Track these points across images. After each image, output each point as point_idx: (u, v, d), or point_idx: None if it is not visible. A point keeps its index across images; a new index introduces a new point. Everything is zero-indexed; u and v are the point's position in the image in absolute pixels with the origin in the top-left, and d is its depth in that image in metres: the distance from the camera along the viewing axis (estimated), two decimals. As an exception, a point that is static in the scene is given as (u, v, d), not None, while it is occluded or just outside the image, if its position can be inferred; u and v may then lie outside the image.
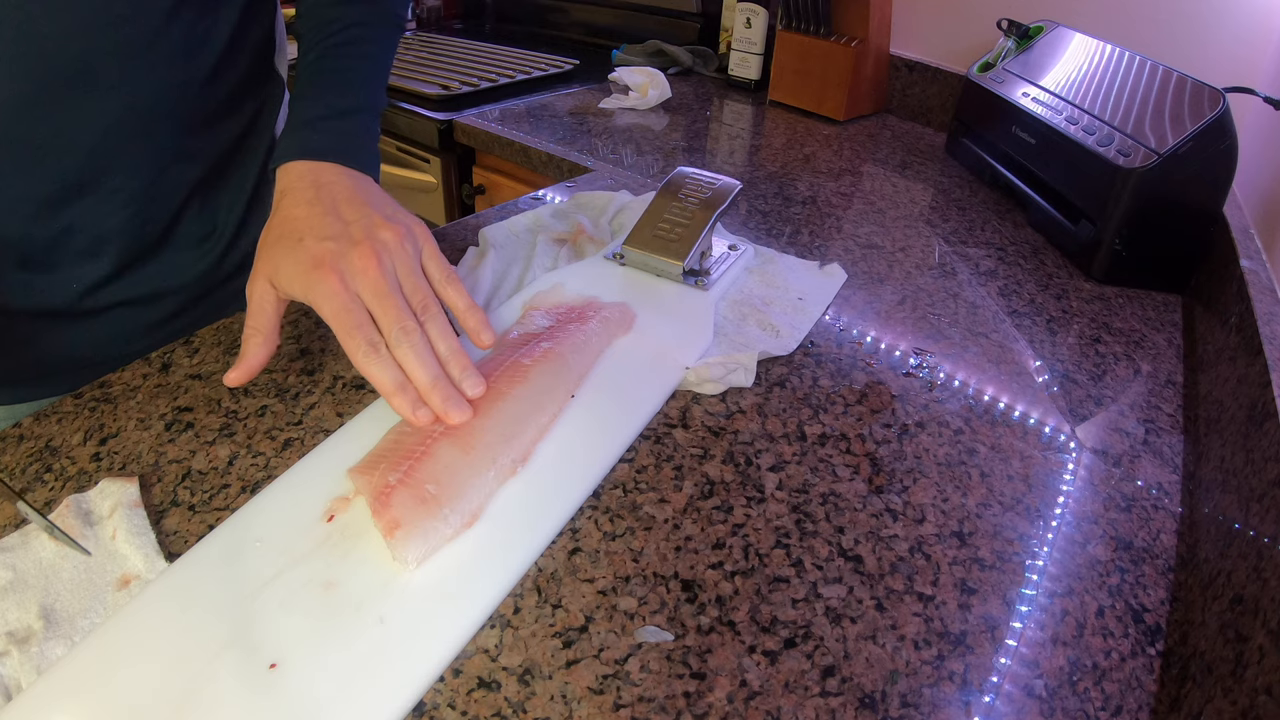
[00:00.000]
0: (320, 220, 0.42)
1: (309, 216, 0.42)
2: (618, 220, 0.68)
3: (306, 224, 0.42)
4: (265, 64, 0.58)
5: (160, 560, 0.34)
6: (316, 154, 0.46)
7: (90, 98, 0.45)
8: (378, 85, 0.53)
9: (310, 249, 0.40)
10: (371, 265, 0.40)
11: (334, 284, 0.39)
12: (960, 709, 0.31)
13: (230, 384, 0.40)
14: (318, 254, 0.40)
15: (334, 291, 0.39)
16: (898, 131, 1.09)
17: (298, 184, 0.45)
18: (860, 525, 0.40)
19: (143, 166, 0.50)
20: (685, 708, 0.31)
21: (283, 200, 0.45)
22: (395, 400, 0.39)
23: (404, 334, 0.39)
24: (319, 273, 0.39)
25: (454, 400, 0.39)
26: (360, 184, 0.46)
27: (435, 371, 0.39)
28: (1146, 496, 0.44)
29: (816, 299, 0.60)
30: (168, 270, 0.54)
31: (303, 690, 0.29)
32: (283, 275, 0.41)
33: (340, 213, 0.43)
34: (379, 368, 0.38)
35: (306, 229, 0.42)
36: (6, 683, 0.29)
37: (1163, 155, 0.64)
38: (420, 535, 0.34)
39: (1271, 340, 0.46)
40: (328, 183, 0.45)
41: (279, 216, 0.44)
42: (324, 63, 0.50)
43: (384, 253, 0.41)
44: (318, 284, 0.39)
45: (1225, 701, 0.30)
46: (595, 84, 1.23)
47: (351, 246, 0.40)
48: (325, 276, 0.39)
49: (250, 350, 0.40)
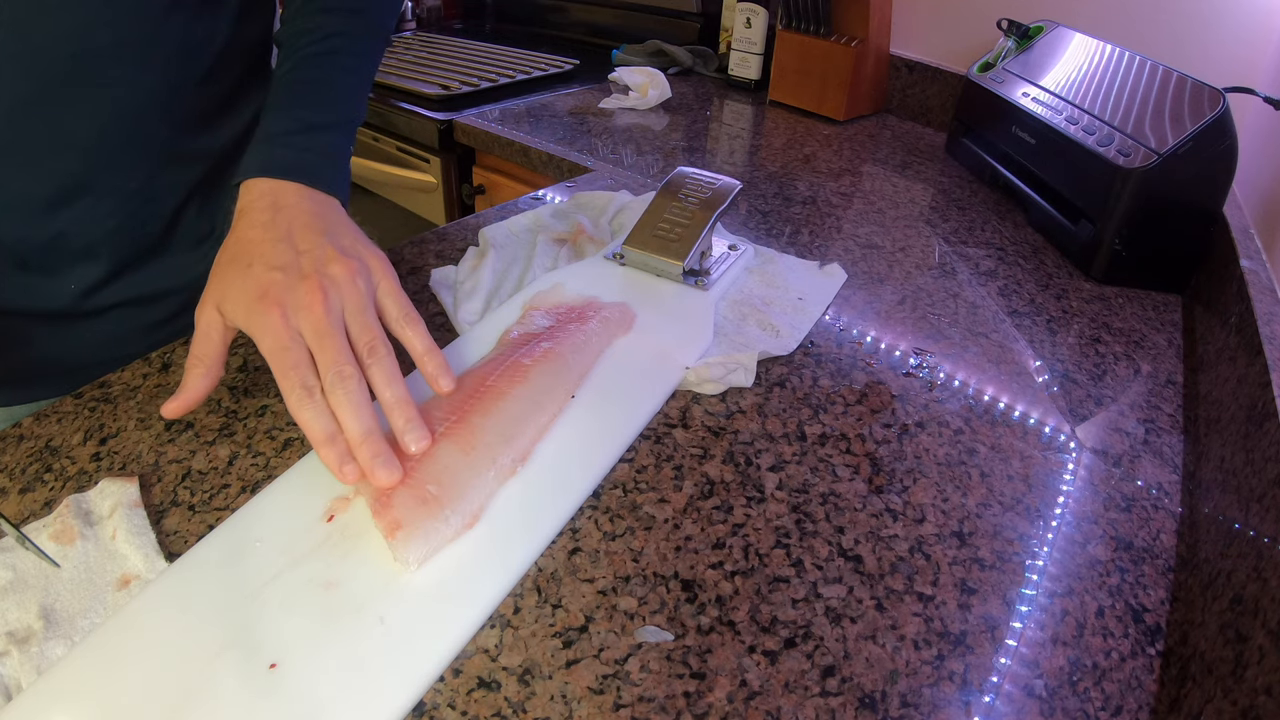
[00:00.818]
0: (272, 247, 0.40)
1: (261, 241, 0.40)
2: (618, 220, 0.68)
3: (258, 249, 0.40)
4: (263, 65, 0.57)
5: (160, 560, 0.34)
6: (280, 172, 0.44)
7: (86, 98, 0.45)
8: (355, 99, 0.50)
9: (257, 277, 0.38)
10: (317, 302, 0.37)
11: (275, 319, 0.37)
12: (960, 709, 0.31)
13: (168, 415, 0.38)
14: (264, 284, 0.38)
15: (274, 327, 0.37)
16: (898, 131, 1.09)
17: (256, 204, 0.42)
18: (860, 525, 0.40)
19: (140, 167, 0.50)
20: (685, 708, 0.31)
21: (240, 220, 0.42)
22: (322, 452, 0.36)
23: (339, 379, 0.36)
24: (262, 304, 0.37)
25: (382, 459, 0.36)
26: (322, 209, 0.43)
27: (368, 425, 0.36)
28: (1146, 496, 0.44)
29: (816, 299, 0.60)
30: (167, 271, 0.54)
31: (303, 690, 0.29)
32: (228, 302, 0.39)
33: (294, 240, 0.40)
34: (311, 415, 0.35)
35: (257, 255, 0.40)
36: (6, 683, 0.29)
37: (1163, 155, 0.64)
38: (421, 536, 0.34)
39: (1271, 340, 0.46)
40: (287, 205, 0.42)
41: (233, 237, 0.42)
42: (298, 73, 0.48)
43: (332, 289, 0.38)
44: (259, 316, 0.37)
45: (1225, 701, 0.30)
46: (595, 84, 1.23)
47: (300, 280, 0.38)
48: (268, 309, 0.37)
49: (191, 381, 0.38)
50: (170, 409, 0.38)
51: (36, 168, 0.46)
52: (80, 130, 0.46)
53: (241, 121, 0.56)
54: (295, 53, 0.49)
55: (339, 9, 0.50)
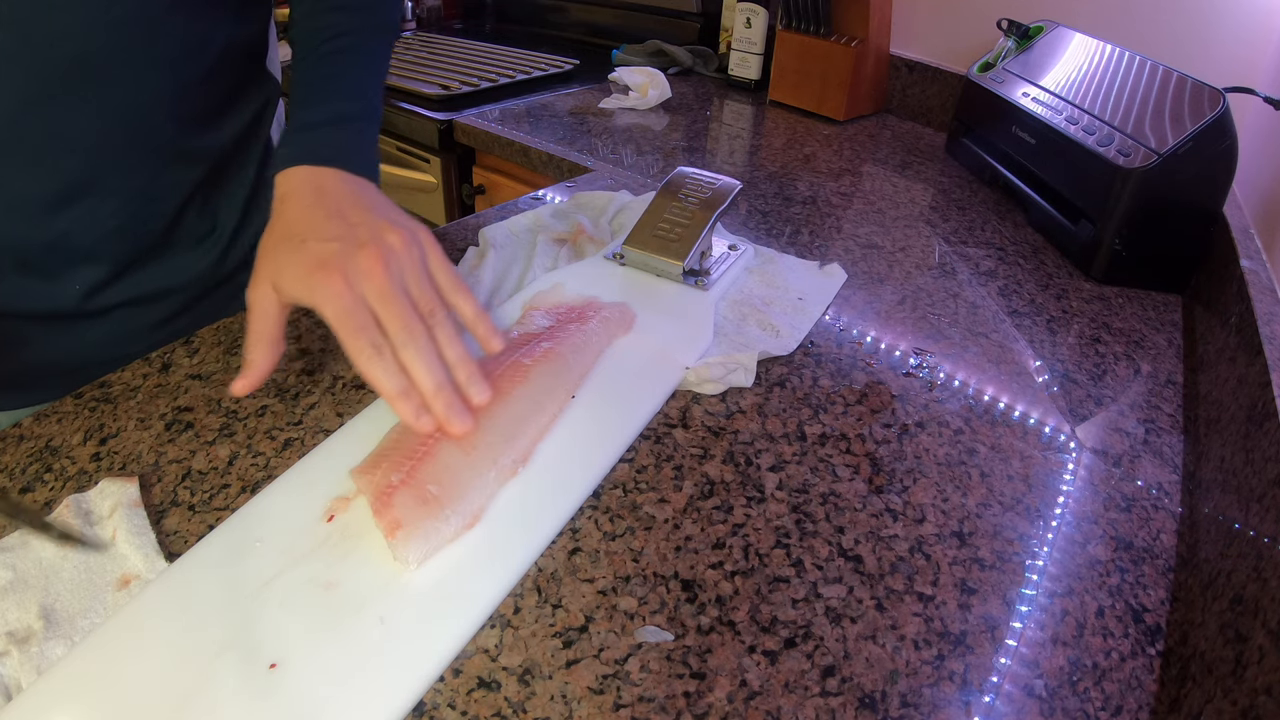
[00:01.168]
0: (324, 223, 0.41)
1: (312, 219, 0.42)
2: (618, 220, 0.68)
3: (309, 226, 0.41)
4: (259, 65, 0.58)
5: (160, 560, 0.34)
6: (317, 160, 0.45)
7: (90, 98, 0.45)
8: (375, 92, 0.52)
9: (314, 251, 0.40)
10: (378, 267, 0.39)
11: (339, 285, 0.38)
12: (960, 709, 0.31)
13: (236, 393, 0.39)
14: (322, 255, 0.39)
15: (338, 293, 0.38)
16: (898, 131, 1.09)
17: (299, 188, 0.44)
18: (860, 525, 0.40)
19: (143, 166, 0.50)
20: (685, 708, 0.31)
21: (283, 204, 0.44)
22: (398, 406, 0.38)
23: (410, 337, 0.38)
24: (323, 274, 0.38)
25: (457, 408, 0.39)
26: (362, 189, 0.45)
27: (440, 378, 0.39)
28: (1146, 496, 0.44)
29: (816, 299, 0.60)
30: (168, 270, 0.54)
31: (303, 690, 0.29)
32: (285, 277, 0.40)
33: (345, 216, 0.42)
34: (383, 372, 0.37)
35: (309, 231, 0.41)
36: (6, 683, 0.29)
37: (1163, 155, 0.64)
38: (421, 536, 0.34)
39: (1271, 340, 0.46)
40: (330, 187, 0.44)
41: (280, 220, 0.43)
42: (321, 69, 0.50)
43: (390, 256, 0.40)
44: (321, 286, 0.38)
45: (1225, 701, 0.30)
46: (595, 84, 1.23)
47: (357, 249, 0.40)
48: (330, 278, 0.38)
49: (255, 358, 0.39)
50: (239, 386, 0.39)
51: (39, 168, 0.46)
52: (83, 130, 0.46)
53: (241, 120, 0.56)
54: (315, 49, 0.50)
55: (352, 6, 0.52)
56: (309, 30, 0.51)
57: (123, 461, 0.40)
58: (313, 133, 0.47)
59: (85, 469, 0.40)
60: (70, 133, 0.46)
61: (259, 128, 0.59)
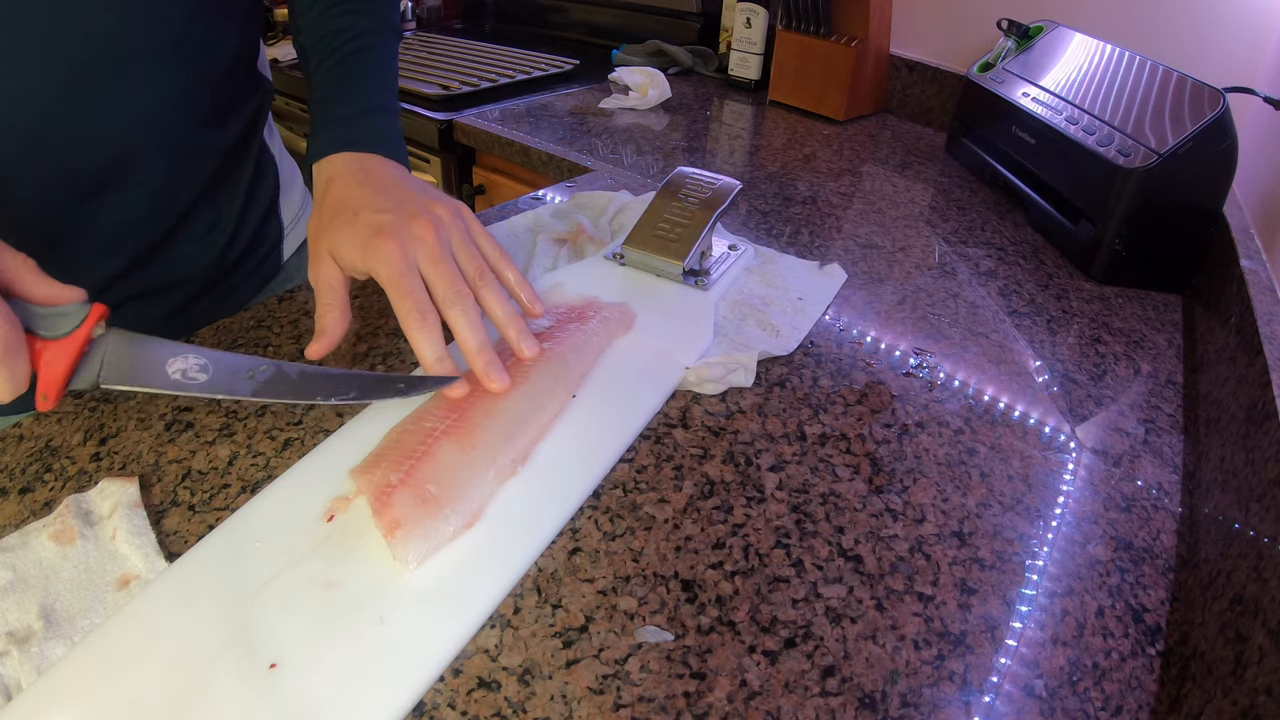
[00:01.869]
0: (374, 197, 0.44)
1: (362, 195, 0.44)
2: (618, 220, 0.68)
3: (361, 200, 0.44)
4: (254, 69, 0.60)
5: (160, 560, 0.34)
6: (356, 146, 0.48)
7: (119, 93, 0.47)
8: (394, 88, 0.55)
9: (368, 220, 0.42)
10: (430, 234, 0.42)
11: (393, 249, 0.40)
12: (960, 709, 0.31)
13: (313, 356, 0.41)
14: (377, 224, 0.42)
15: (392, 256, 0.40)
16: (898, 131, 1.09)
17: (344, 170, 0.47)
18: (860, 525, 0.40)
19: (165, 161, 0.51)
20: (685, 708, 0.31)
21: (330, 186, 0.46)
22: (432, 370, 0.40)
23: (457, 297, 0.41)
24: (378, 239, 0.41)
25: (496, 366, 0.41)
26: (402, 172, 0.48)
27: (483, 338, 0.41)
28: (1146, 496, 0.44)
29: (816, 299, 0.60)
30: (177, 262, 0.56)
31: (303, 690, 0.29)
32: (341, 246, 0.42)
33: (393, 192, 0.45)
34: (425, 338, 0.40)
35: (362, 204, 0.43)
36: (6, 683, 0.29)
37: (1163, 155, 0.64)
38: (421, 535, 0.34)
39: (1271, 340, 0.46)
40: (373, 169, 0.47)
41: (330, 200, 0.45)
42: (346, 67, 0.52)
43: (440, 226, 0.43)
44: (377, 250, 0.41)
45: (1225, 701, 0.30)
46: (595, 84, 1.23)
47: (410, 218, 0.42)
48: (384, 243, 0.41)
49: (329, 323, 0.42)
50: (315, 349, 0.42)
51: (66, 163, 0.47)
52: (108, 127, 0.47)
53: (243, 120, 0.58)
54: (335, 50, 0.53)
55: (362, 11, 0.55)
56: (327, 32, 0.54)
57: (123, 461, 0.40)
58: (347, 123, 0.50)
59: (85, 469, 0.40)
60: (96, 130, 0.47)
61: (256, 126, 0.61)
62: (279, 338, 0.51)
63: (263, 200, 0.62)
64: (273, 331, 0.52)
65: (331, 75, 0.52)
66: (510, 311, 0.43)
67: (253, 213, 0.61)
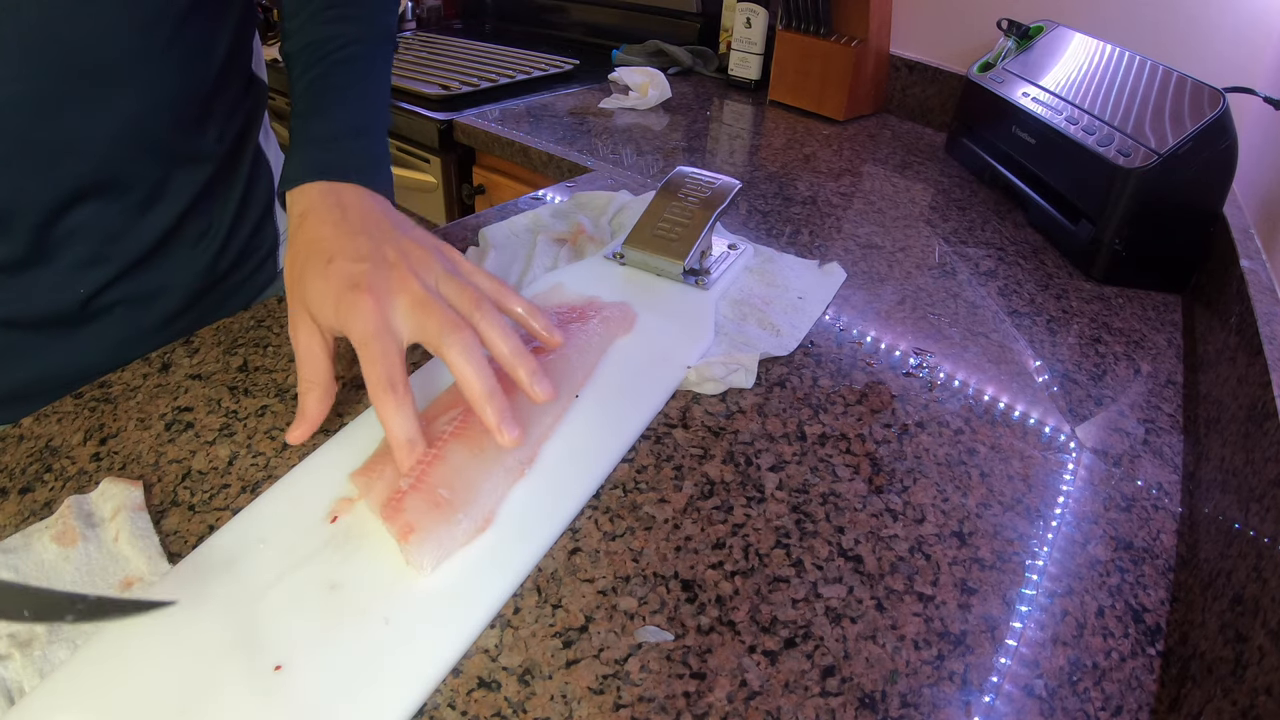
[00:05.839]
0: (350, 241, 0.40)
1: (336, 237, 0.41)
2: (618, 220, 0.68)
3: (336, 244, 0.40)
4: (246, 74, 0.59)
5: (163, 563, 0.34)
6: (336, 174, 0.45)
7: (108, 99, 0.46)
8: (384, 103, 0.52)
9: (342, 270, 0.39)
10: (411, 282, 0.38)
11: (368, 305, 0.37)
12: (960, 709, 0.32)
13: (293, 442, 0.39)
14: (352, 275, 0.38)
15: (366, 312, 0.37)
16: (898, 131, 1.09)
17: (320, 204, 0.43)
18: (860, 525, 0.40)
19: (153, 168, 0.51)
20: (685, 708, 0.31)
21: (304, 222, 0.43)
22: (399, 454, 0.36)
23: (453, 329, 0.36)
24: (353, 294, 0.37)
25: (508, 418, 0.37)
26: (383, 207, 0.45)
27: (490, 384, 0.37)
28: (1146, 496, 0.44)
29: (816, 298, 0.60)
30: (167, 270, 0.54)
31: (308, 692, 0.29)
32: (314, 302, 0.39)
33: (370, 233, 0.41)
34: (393, 411, 0.36)
35: (336, 249, 0.40)
36: (9, 686, 0.29)
37: (1163, 155, 0.64)
38: (435, 540, 0.34)
39: (1271, 340, 0.46)
40: (351, 204, 0.43)
41: (303, 239, 0.42)
42: (330, 79, 0.49)
43: (422, 269, 0.39)
44: (349, 305, 0.37)
45: (1225, 701, 0.30)
46: (595, 84, 1.23)
47: (389, 268, 0.39)
48: (359, 297, 0.37)
49: (309, 405, 0.39)
50: (295, 436, 0.40)
51: (58, 166, 0.46)
52: (101, 129, 0.46)
53: (236, 125, 0.57)
54: (321, 60, 0.50)
55: (352, 17, 0.52)
56: (313, 40, 0.51)
57: (123, 461, 0.40)
58: (326, 146, 0.46)
59: (85, 469, 0.40)
60: (86, 134, 0.46)
61: (250, 130, 0.60)
62: (279, 338, 0.51)
63: (257, 207, 0.61)
64: (272, 331, 0.52)
65: (312, 89, 0.49)
66: (516, 347, 0.39)
67: (246, 220, 0.60)
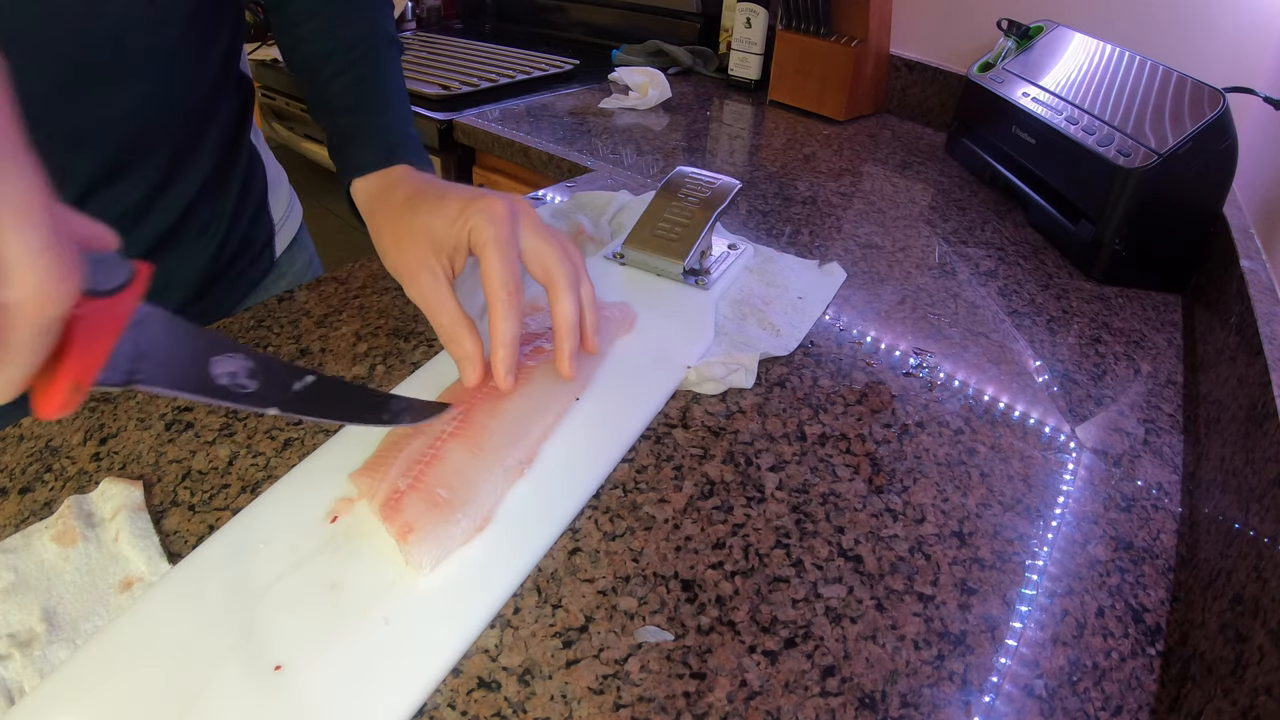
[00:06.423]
0: (448, 187, 0.43)
1: (439, 184, 0.44)
2: (618, 220, 0.68)
3: (443, 187, 0.43)
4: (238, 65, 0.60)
5: (163, 563, 0.34)
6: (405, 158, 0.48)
7: (119, 92, 0.47)
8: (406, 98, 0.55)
9: (463, 192, 0.42)
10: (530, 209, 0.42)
11: (500, 207, 0.39)
12: (960, 709, 0.31)
13: (471, 384, 0.41)
14: (475, 193, 0.41)
15: (500, 215, 0.39)
16: (898, 131, 1.09)
17: (404, 177, 0.46)
18: (860, 525, 0.40)
19: (164, 160, 0.52)
20: (685, 708, 0.31)
21: (391, 193, 0.45)
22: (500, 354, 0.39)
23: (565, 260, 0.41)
24: (484, 199, 0.40)
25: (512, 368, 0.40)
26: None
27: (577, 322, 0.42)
28: (1146, 496, 0.44)
29: (816, 297, 0.60)
30: (176, 259, 0.56)
31: (308, 692, 0.29)
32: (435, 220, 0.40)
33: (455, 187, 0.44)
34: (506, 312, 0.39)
35: (445, 189, 0.43)
36: (9, 686, 0.29)
37: (1163, 155, 0.64)
38: (434, 540, 0.34)
39: (1271, 340, 0.46)
40: (423, 178, 0.46)
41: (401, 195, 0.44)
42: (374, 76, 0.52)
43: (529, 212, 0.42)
44: (484, 208, 0.39)
45: (1225, 701, 0.30)
46: (595, 84, 1.23)
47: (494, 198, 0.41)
48: (491, 201, 0.40)
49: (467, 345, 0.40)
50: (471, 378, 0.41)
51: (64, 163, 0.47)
52: (113, 122, 0.47)
53: (232, 121, 0.59)
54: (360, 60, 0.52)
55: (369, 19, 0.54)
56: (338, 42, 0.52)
57: (123, 461, 0.40)
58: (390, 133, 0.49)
59: (85, 469, 0.40)
60: (100, 123, 0.47)
61: (244, 124, 0.61)
62: (279, 338, 0.51)
63: (253, 198, 0.63)
64: (273, 331, 0.52)
65: (362, 85, 0.51)
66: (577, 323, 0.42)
67: (245, 210, 0.61)
